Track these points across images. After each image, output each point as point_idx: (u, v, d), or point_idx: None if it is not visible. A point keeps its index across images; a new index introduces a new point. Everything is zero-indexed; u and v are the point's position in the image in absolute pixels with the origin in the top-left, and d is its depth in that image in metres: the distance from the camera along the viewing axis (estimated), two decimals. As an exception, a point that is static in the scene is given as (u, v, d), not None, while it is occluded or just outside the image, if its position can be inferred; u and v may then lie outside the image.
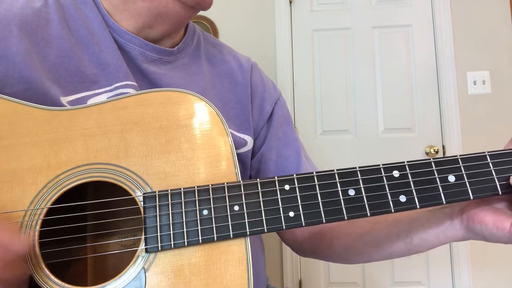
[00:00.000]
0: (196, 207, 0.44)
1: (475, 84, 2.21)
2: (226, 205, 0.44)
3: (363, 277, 2.17)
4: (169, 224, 0.44)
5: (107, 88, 0.56)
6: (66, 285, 0.43)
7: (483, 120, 2.19)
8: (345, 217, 0.44)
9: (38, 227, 0.44)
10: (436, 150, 2.17)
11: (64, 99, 0.53)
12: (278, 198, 0.45)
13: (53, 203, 0.45)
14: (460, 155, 0.46)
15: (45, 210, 0.44)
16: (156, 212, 0.44)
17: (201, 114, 0.49)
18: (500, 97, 2.20)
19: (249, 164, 0.68)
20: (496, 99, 2.20)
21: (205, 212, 0.44)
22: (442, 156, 2.16)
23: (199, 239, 0.43)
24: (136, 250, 0.44)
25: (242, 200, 0.45)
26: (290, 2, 2.34)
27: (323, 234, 0.63)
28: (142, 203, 0.45)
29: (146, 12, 0.59)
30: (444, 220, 0.49)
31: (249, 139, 0.66)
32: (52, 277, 0.43)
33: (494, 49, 2.23)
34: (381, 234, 0.55)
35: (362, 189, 0.45)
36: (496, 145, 0.46)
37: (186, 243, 0.43)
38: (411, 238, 0.52)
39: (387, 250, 0.55)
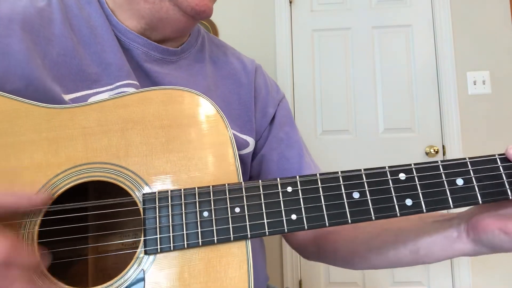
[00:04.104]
0: (196, 208, 0.44)
1: (475, 84, 2.21)
2: (227, 207, 0.44)
3: (363, 277, 2.17)
4: (169, 225, 0.43)
5: (109, 87, 0.56)
6: (66, 286, 0.42)
7: (483, 120, 2.19)
8: (349, 221, 0.43)
9: (37, 227, 0.43)
10: (436, 150, 2.17)
11: (66, 97, 0.53)
12: (280, 201, 0.44)
13: (52, 203, 0.44)
14: (469, 158, 0.45)
15: (44, 210, 0.44)
16: (155, 213, 0.44)
17: (203, 113, 0.49)
18: (500, 97, 2.20)
19: (249, 165, 0.67)
20: (496, 99, 2.20)
21: (206, 214, 0.44)
22: (442, 156, 2.16)
23: (199, 242, 0.43)
24: (136, 251, 0.43)
25: (244, 202, 0.44)
26: (290, 2, 2.34)
27: (327, 239, 0.62)
28: (141, 204, 0.44)
29: (148, 14, 0.59)
30: (452, 232, 0.48)
31: (251, 141, 0.66)
32: (52, 278, 0.42)
33: (494, 49, 2.23)
34: (387, 241, 0.54)
35: (367, 192, 0.44)
36: (496, 145, 0.45)
37: (185, 245, 0.43)
38: (417, 248, 0.50)
39: (392, 259, 0.54)
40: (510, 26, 2.25)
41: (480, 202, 0.43)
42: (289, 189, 0.44)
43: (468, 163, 0.45)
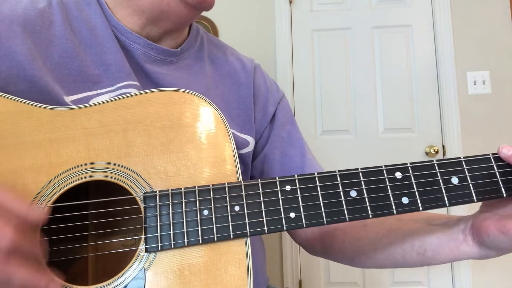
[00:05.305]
0: (196, 207, 0.44)
1: (475, 84, 2.21)
2: (227, 206, 0.44)
3: (363, 277, 2.17)
4: (169, 224, 0.44)
5: (110, 88, 0.56)
6: (67, 284, 0.43)
7: (483, 120, 2.19)
8: (347, 219, 0.44)
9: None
10: (436, 150, 2.17)
11: (67, 99, 0.53)
12: (279, 199, 0.45)
13: (54, 202, 0.45)
14: (464, 157, 0.45)
15: (46, 209, 0.44)
16: (156, 211, 0.44)
17: (203, 114, 0.49)
18: (500, 97, 2.20)
19: (250, 164, 0.67)
20: (496, 99, 2.20)
21: (206, 212, 0.44)
22: (442, 156, 2.16)
23: (199, 239, 0.43)
24: (137, 249, 0.44)
25: (243, 201, 0.45)
26: (290, 2, 2.34)
27: (335, 236, 0.63)
28: (142, 202, 0.45)
29: (149, 9, 0.59)
30: (458, 234, 0.48)
31: (251, 140, 0.66)
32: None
33: (494, 49, 2.23)
34: (395, 242, 0.54)
35: (364, 190, 0.45)
36: (496, 145, 0.46)
37: (186, 243, 0.43)
38: (424, 250, 0.51)
39: (399, 259, 0.54)
40: (510, 26, 2.25)
41: (475, 200, 0.44)
42: (288, 187, 0.45)
43: (463, 162, 0.45)
